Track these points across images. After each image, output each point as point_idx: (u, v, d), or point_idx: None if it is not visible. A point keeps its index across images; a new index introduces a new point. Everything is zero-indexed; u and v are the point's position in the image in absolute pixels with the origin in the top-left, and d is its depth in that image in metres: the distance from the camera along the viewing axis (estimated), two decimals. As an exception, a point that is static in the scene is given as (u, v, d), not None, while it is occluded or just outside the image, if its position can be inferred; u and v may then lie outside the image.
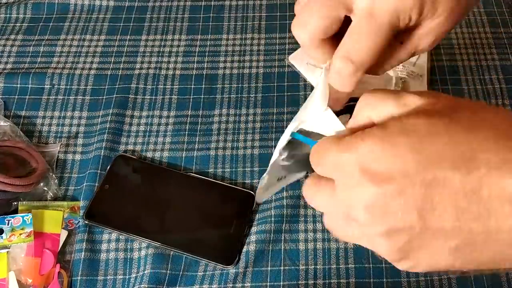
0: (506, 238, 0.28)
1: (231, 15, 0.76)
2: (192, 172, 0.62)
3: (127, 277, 0.56)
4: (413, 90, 0.38)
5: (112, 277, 0.56)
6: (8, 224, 0.56)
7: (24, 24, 0.76)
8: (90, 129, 0.66)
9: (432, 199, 0.28)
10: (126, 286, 0.55)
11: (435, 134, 0.28)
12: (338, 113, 0.35)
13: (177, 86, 0.70)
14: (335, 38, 0.37)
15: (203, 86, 0.70)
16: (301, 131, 0.37)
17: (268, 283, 0.55)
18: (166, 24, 0.76)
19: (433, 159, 0.28)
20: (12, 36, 0.75)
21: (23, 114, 0.68)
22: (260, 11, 0.76)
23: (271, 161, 0.39)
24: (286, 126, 0.66)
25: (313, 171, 0.33)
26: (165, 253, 0.57)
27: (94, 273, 0.56)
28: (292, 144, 0.38)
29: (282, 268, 0.56)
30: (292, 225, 0.58)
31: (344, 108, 0.37)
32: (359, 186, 0.29)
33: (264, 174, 0.40)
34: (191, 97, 0.69)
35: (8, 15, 0.77)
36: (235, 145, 0.64)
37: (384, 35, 0.35)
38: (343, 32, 0.36)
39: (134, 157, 0.63)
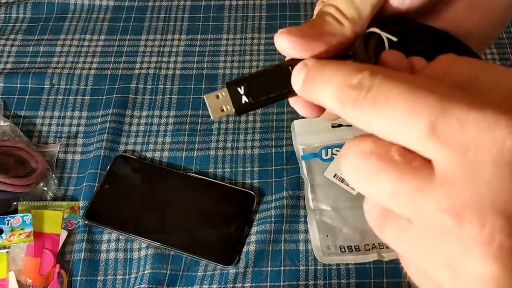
0: None
1: (231, 15, 0.76)
2: (192, 172, 0.62)
3: (127, 277, 0.56)
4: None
5: (112, 277, 0.56)
6: (8, 224, 0.56)
7: (24, 24, 0.76)
8: (90, 129, 0.66)
9: None
10: (126, 286, 0.55)
11: None
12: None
13: (177, 86, 0.69)
14: None
15: (203, 86, 0.69)
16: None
17: (268, 283, 0.55)
18: (166, 24, 0.76)
19: None
20: (12, 36, 0.75)
21: (23, 114, 0.68)
22: (260, 11, 0.76)
23: None
24: (286, 126, 0.66)
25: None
26: (165, 253, 0.57)
27: (94, 273, 0.56)
28: None
29: (282, 268, 0.56)
30: (292, 225, 0.58)
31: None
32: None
33: None
34: (191, 97, 0.68)
35: (8, 15, 0.77)
36: (235, 145, 0.64)
37: None
38: None
39: (134, 157, 0.63)
